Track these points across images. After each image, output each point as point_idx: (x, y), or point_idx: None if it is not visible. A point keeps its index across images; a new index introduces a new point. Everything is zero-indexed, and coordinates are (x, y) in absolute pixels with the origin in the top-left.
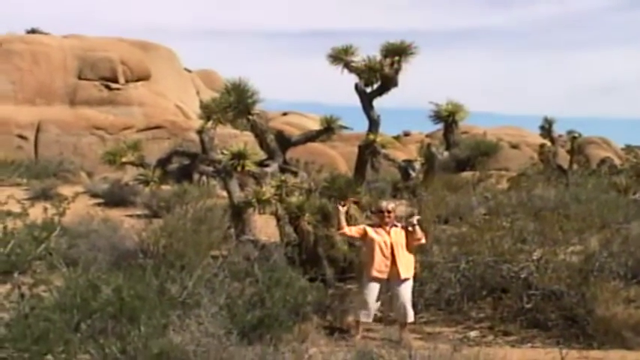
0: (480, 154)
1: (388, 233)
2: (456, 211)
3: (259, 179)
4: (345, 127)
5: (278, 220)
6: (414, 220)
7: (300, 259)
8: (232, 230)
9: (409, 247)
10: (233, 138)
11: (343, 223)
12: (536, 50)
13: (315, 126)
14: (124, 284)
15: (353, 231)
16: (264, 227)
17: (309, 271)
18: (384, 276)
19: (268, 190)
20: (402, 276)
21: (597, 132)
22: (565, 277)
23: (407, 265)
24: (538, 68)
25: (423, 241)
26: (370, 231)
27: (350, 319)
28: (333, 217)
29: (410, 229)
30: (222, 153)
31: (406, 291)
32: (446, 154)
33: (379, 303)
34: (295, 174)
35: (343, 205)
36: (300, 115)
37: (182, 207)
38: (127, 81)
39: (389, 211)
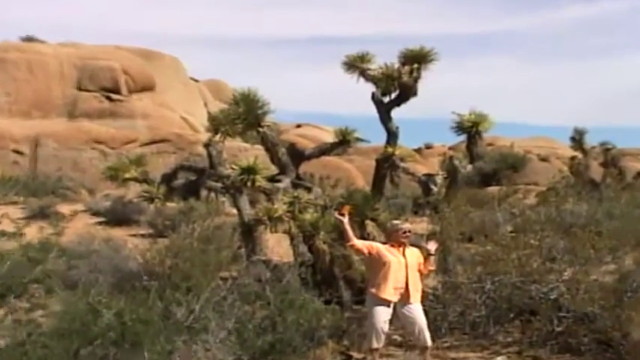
0: (506, 168)
1: (403, 254)
2: (481, 228)
3: (271, 195)
4: (362, 140)
5: (291, 238)
6: (432, 249)
7: (315, 280)
8: (242, 250)
9: (419, 271)
10: (243, 152)
11: (350, 234)
12: (565, 55)
13: (330, 138)
14: (126, 308)
15: (362, 245)
16: (276, 246)
17: (325, 293)
18: (395, 299)
19: (280, 207)
20: (412, 300)
21: (633, 143)
22: (598, 299)
23: (417, 289)
24: (568, 75)
25: (433, 268)
26: (384, 250)
27: (365, 346)
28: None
29: (426, 254)
30: (232, 168)
31: (419, 314)
32: (469, 167)
33: (387, 326)
34: (309, 189)
35: (341, 214)
36: (315, 127)
37: (189, 225)
38: (129, 92)
39: (409, 231)
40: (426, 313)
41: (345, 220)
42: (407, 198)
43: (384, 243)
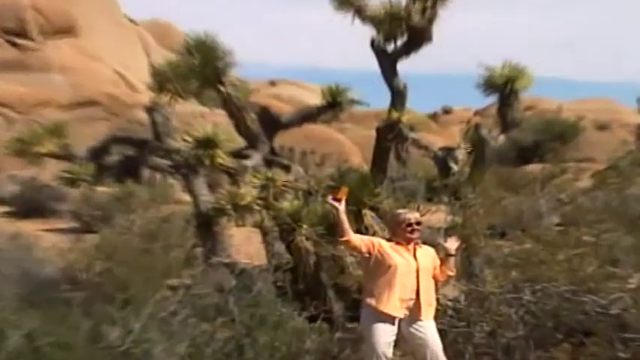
0: (551, 139)
1: (414, 255)
2: (518, 219)
3: (236, 176)
4: (358, 102)
5: (264, 234)
6: (452, 248)
7: (296, 290)
8: (198, 249)
9: (434, 277)
10: (198, 118)
11: (346, 226)
12: None
13: (316, 100)
14: (40, 328)
15: (360, 241)
16: (244, 245)
17: (309, 307)
18: (401, 314)
19: (249, 192)
20: (424, 316)
21: None
22: None
23: (430, 301)
24: (633, 17)
25: (453, 273)
26: (388, 249)
27: None
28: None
29: (443, 254)
30: (184, 139)
31: (433, 335)
32: (502, 138)
33: (391, 349)
34: (287, 168)
35: (337, 199)
36: (294, 85)
37: (126, 217)
38: (42, 36)
39: (418, 224)
40: (443, 332)
41: (342, 207)
42: (418, 180)
43: (389, 240)
